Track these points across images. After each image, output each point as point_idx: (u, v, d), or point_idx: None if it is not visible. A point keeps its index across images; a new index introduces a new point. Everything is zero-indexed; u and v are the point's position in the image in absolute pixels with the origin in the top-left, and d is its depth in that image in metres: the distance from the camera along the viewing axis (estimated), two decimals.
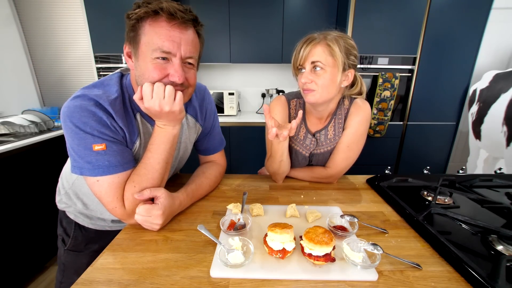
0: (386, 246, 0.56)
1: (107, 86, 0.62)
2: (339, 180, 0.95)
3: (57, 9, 2.21)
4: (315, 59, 0.75)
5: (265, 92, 2.63)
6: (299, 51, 0.78)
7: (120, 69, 0.70)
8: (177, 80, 0.59)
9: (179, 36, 0.57)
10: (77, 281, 0.48)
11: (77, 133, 0.56)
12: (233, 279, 0.48)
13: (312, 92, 0.78)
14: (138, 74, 0.60)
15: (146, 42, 0.56)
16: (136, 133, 0.66)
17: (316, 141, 0.91)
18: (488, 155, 1.87)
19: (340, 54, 0.75)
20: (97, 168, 0.57)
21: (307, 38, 0.78)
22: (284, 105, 0.92)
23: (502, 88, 1.64)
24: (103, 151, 0.57)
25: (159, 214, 0.60)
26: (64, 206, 0.81)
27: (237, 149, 2.26)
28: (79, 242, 0.82)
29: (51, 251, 1.68)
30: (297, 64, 0.80)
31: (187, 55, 0.59)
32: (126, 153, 0.62)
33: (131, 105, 0.66)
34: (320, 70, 0.76)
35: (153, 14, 0.55)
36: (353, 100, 0.89)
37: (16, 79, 2.17)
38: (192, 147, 0.88)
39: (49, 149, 1.63)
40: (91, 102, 0.56)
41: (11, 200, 1.40)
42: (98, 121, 0.56)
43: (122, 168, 0.60)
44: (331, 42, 0.75)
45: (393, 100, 2.07)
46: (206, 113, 0.85)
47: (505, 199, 0.81)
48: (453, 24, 1.95)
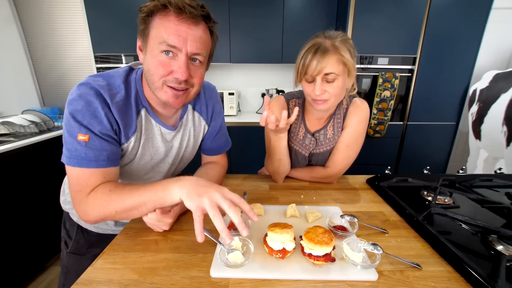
0: (386, 246, 0.56)
1: (112, 78, 0.62)
2: (339, 180, 0.95)
3: (57, 9, 2.21)
4: (329, 71, 0.72)
5: (265, 92, 2.63)
6: (310, 62, 0.73)
7: (131, 63, 0.70)
8: (180, 77, 0.57)
9: (186, 31, 0.55)
10: (77, 281, 0.48)
11: (69, 120, 0.56)
12: (233, 279, 0.48)
13: (325, 102, 0.77)
14: (146, 69, 0.60)
15: (154, 36, 0.56)
16: (134, 129, 0.64)
17: (316, 141, 0.91)
18: (488, 155, 1.87)
19: (351, 60, 0.74)
20: (73, 157, 0.57)
21: (316, 47, 0.72)
22: (283, 105, 0.92)
23: (502, 88, 1.64)
24: (85, 142, 0.56)
25: (169, 222, 0.61)
26: (68, 207, 0.80)
27: (237, 149, 2.26)
28: (81, 245, 0.81)
29: (52, 251, 1.68)
30: (306, 75, 0.75)
31: (194, 52, 0.57)
32: (108, 152, 0.59)
33: (137, 100, 0.65)
34: (333, 80, 0.74)
35: (162, 8, 0.54)
36: (352, 99, 0.89)
37: (16, 79, 2.17)
38: (198, 146, 0.86)
39: (49, 149, 1.63)
40: (92, 91, 0.57)
41: (11, 200, 1.40)
42: (90, 111, 0.56)
43: (95, 164, 0.57)
44: (342, 51, 0.72)
45: (393, 100, 2.07)
46: (213, 112, 0.84)
47: (505, 199, 0.81)
48: (453, 24, 1.95)
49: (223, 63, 2.36)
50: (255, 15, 2.22)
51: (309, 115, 0.92)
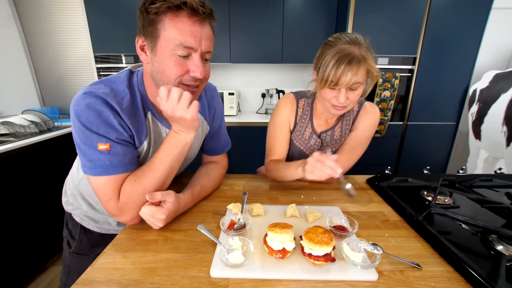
0: (386, 246, 0.56)
1: (114, 83, 0.61)
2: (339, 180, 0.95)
3: (57, 9, 2.21)
4: (357, 81, 0.71)
5: (265, 92, 2.63)
6: (343, 73, 0.69)
7: (130, 66, 0.69)
8: (198, 75, 0.58)
9: (200, 31, 0.56)
10: (77, 281, 0.48)
11: (83, 132, 0.56)
12: (233, 279, 0.48)
13: (345, 108, 0.77)
14: (157, 70, 0.58)
15: (167, 37, 0.55)
16: (145, 133, 0.65)
17: (321, 142, 0.91)
18: (488, 155, 1.87)
19: (376, 68, 0.73)
20: (98, 167, 0.57)
21: (350, 58, 0.69)
22: (293, 103, 0.91)
23: (502, 88, 1.64)
24: (107, 151, 0.57)
25: (162, 218, 0.60)
26: (71, 208, 0.80)
27: (237, 149, 2.26)
28: (84, 245, 0.81)
29: (52, 251, 1.68)
30: (336, 86, 0.72)
31: (207, 50, 0.59)
32: (130, 155, 0.61)
33: (142, 104, 0.65)
34: (356, 88, 0.73)
35: (175, 9, 0.54)
36: (363, 103, 0.89)
37: (16, 79, 2.17)
38: (200, 146, 0.87)
39: (49, 149, 1.63)
40: (99, 100, 0.56)
41: (11, 200, 1.40)
42: (104, 121, 0.56)
43: (122, 169, 0.59)
44: (370, 60, 0.71)
45: (393, 100, 2.07)
46: (214, 112, 0.84)
47: (505, 199, 0.81)
48: (453, 24, 1.95)
49: (223, 63, 2.36)
50: (255, 15, 2.21)
51: (318, 116, 0.91)
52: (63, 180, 0.85)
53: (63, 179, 0.85)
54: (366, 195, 0.84)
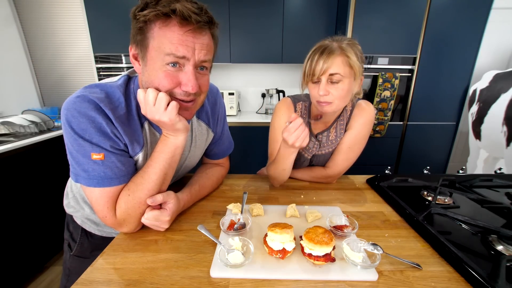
0: (386, 246, 0.56)
1: (110, 88, 0.57)
2: (339, 180, 0.95)
3: (57, 9, 2.21)
4: (334, 71, 0.71)
5: (265, 92, 2.63)
6: (316, 63, 0.73)
7: (128, 71, 0.65)
8: (190, 90, 0.54)
9: (193, 40, 0.51)
10: (77, 281, 0.48)
11: (76, 140, 0.52)
12: (233, 279, 0.48)
13: (329, 104, 0.76)
14: (147, 80, 0.55)
15: (156, 47, 0.51)
16: (141, 143, 0.61)
17: (319, 143, 0.91)
18: (488, 155, 1.87)
19: (358, 63, 0.73)
20: (92, 178, 0.54)
21: (323, 48, 0.73)
22: (290, 107, 0.91)
23: (502, 88, 1.64)
24: (101, 161, 0.54)
25: (167, 220, 0.60)
26: (72, 211, 0.79)
27: (237, 149, 2.24)
28: (85, 248, 0.80)
29: (51, 251, 1.68)
30: (313, 76, 0.75)
31: (202, 59, 0.54)
32: (126, 165, 0.58)
33: (138, 113, 0.60)
34: (338, 81, 0.73)
35: (164, 17, 0.49)
36: (357, 101, 0.89)
37: (16, 79, 2.17)
38: (202, 155, 0.84)
39: (49, 149, 1.63)
40: (91, 106, 0.52)
41: (11, 200, 1.40)
42: (97, 128, 0.53)
43: (117, 181, 0.56)
44: (349, 52, 0.72)
45: (393, 100, 2.07)
46: (218, 118, 0.81)
47: (505, 199, 0.81)
48: (453, 24, 1.95)
49: (223, 63, 2.36)
50: (255, 15, 2.22)
51: (315, 117, 0.91)
52: (63, 180, 0.85)
53: (63, 179, 0.85)
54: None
